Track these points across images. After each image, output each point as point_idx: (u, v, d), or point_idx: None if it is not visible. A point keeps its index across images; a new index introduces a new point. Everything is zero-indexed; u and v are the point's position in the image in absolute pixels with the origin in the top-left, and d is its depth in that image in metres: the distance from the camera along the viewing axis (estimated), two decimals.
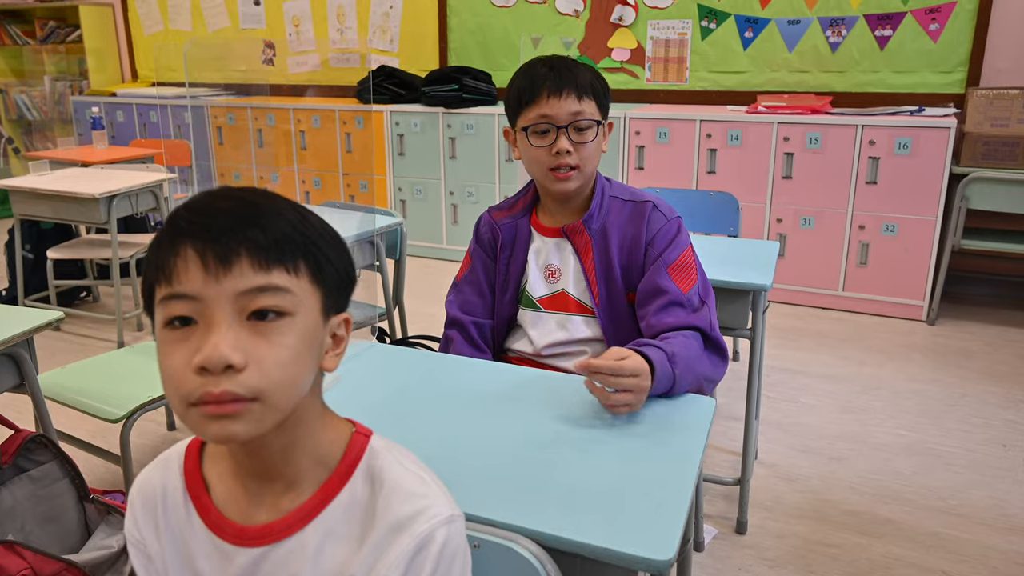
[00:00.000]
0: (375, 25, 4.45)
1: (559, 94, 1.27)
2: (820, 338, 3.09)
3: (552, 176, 1.29)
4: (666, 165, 3.53)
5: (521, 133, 1.31)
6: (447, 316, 1.44)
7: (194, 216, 0.63)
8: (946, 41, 3.29)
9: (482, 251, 1.44)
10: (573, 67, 1.29)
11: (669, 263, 1.29)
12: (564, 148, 1.26)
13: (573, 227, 1.34)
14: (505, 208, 1.43)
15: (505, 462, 0.95)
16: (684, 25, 3.76)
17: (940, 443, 2.28)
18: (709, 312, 1.27)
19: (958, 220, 3.08)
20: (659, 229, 1.31)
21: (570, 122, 1.27)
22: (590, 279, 1.34)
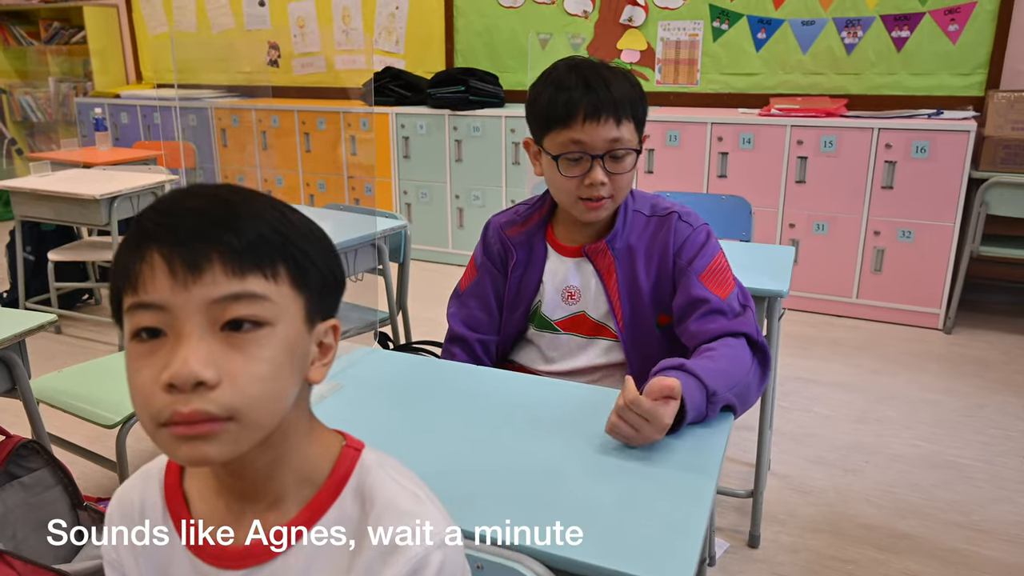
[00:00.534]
0: (381, 26, 4.42)
1: (596, 119, 1.14)
2: (834, 346, 3.02)
3: (582, 206, 1.19)
4: (676, 169, 3.47)
5: (549, 157, 1.19)
6: (449, 329, 1.37)
7: (161, 217, 0.57)
8: (965, 42, 3.22)
9: (491, 264, 1.34)
10: (611, 81, 1.15)
11: (700, 271, 1.20)
12: (599, 180, 1.16)
13: (595, 248, 1.24)
14: (518, 223, 1.32)
15: (510, 477, 0.89)
16: (695, 26, 3.71)
17: (958, 455, 2.21)
18: (753, 317, 1.19)
19: (977, 226, 3.01)
20: (686, 238, 1.23)
21: (607, 151, 1.16)
22: (613, 301, 1.25)
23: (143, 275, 0.56)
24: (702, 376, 1.00)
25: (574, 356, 1.29)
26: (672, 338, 1.24)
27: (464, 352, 1.34)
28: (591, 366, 1.28)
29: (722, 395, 1.02)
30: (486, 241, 1.35)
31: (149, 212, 0.59)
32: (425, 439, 0.99)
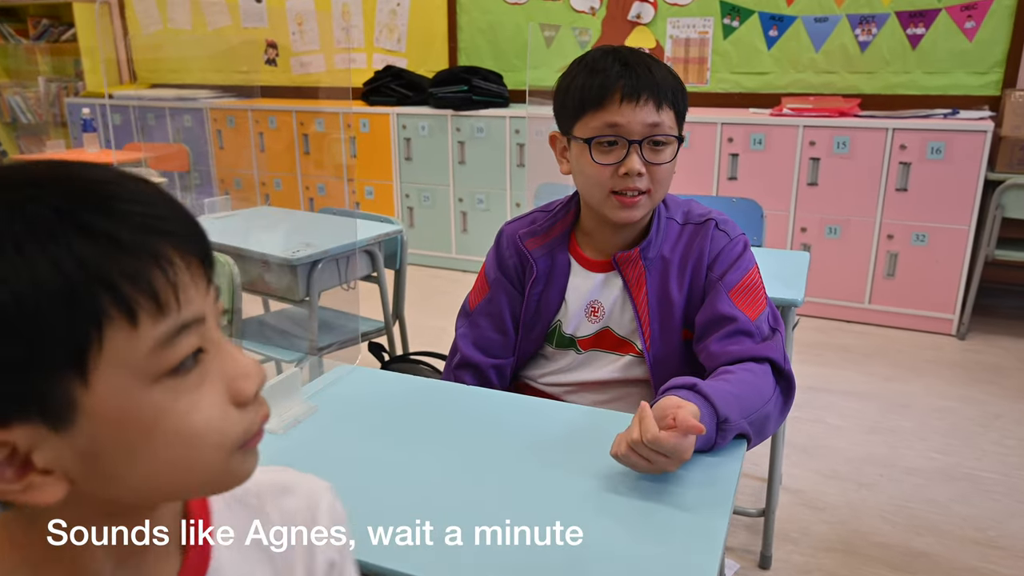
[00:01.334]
0: (382, 24, 4.35)
1: (635, 99, 1.03)
2: (845, 353, 2.95)
3: (615, 201, 1.07)
4: (686, 170, 3.40)
5: (579, 144, 1.07)
6: (459, 353, 1.24)
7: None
8: (982, 40, 3.13)
9: (506, 280, 1.21)
10: (652, 65, 1.06)
11: (731, 286, 1.09)
12: (636, 169, 1.04)
13: (627, 257, 1.13)
14: (539, 233, 1.19)
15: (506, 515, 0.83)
16: (705, 23, 3.63)
17: (975, 467, 2.14)
18: (782, 342, 1.09)
19: (992, 229, 2.93)
20: (721, 249, 1.11)
21: (646, 136, 1.04)
22: (641, 316, 1.14)
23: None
24: (715, 400, 0.92)
25: (591, 369, 1.19)
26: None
27: (476, 380, 1.22)
28: (609, 380, 1.19)
29: (735, 422, 0.93)
30: (500, 253, 1.22)
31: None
32: (409, 472, 0.90)
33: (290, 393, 1.01)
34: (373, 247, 2.02)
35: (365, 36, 4.39)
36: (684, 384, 0.94)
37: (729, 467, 0.92)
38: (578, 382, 1.20)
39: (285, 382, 1.00)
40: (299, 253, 1.77)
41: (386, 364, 1.62)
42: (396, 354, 1.83)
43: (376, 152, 4.08)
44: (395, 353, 1.96)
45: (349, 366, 1.16)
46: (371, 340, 1.68)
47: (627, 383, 1.18)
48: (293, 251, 1.77)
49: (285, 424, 0.98)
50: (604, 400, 1.20)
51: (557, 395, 1.23)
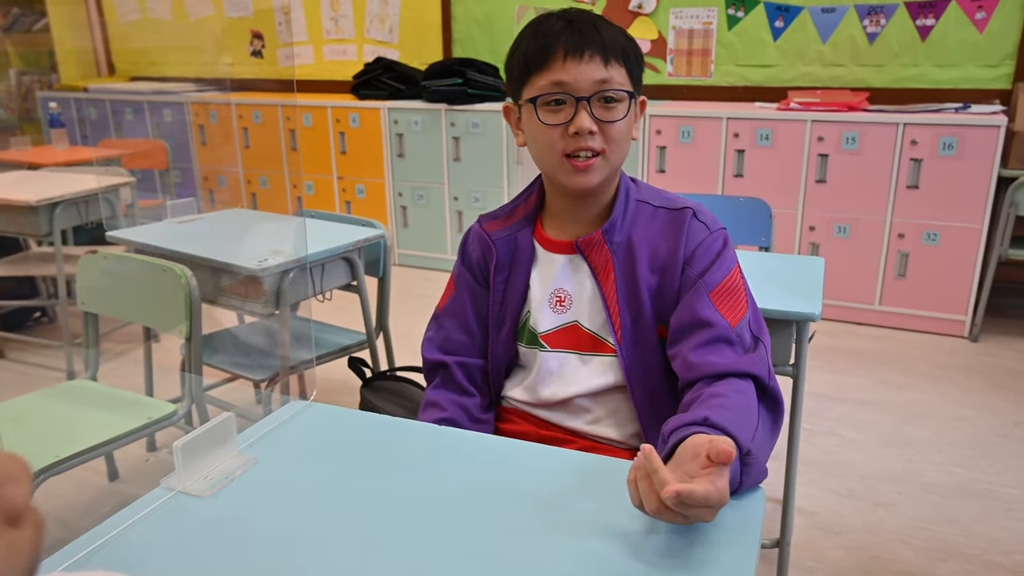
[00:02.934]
0: (372, 13, 4.20)
1: (579, 56, 0.96)
2: (857, 358, 2.83)
3: (568, 165, 0.99)
4: (690, 167, 3.28)
5: (528, 107, 1.00)
6: (424, 360, 1.15)
7: None
8: (993, 32, 3.04)
9: (469, 274, 1.13)
10: (598, 22, 0.99)
11: (712, 286, 0.98)
12: (585, 127, 0.96)
13: (589, 240, 1.03)
14: (500, 217, 1.12)
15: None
16: (709, 14, 3.49)
17: (996, 482, 2.03)
18: (766, 353, 0.97)
19: (1005, 228, 2.84)
20: (700, 243, 1.01)
21: (594, 92, 0.97)
22: (610, 308, 1.03)
23: None
24: (734, 431, 0.79)
25: (566, 380, 1.06)
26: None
27: (444, 383, 1.12)
28: (588, 391, 1.05)
29: (757, 456, 0.81)
30: (464, 247, 1.15)
31: None
32: (365, 549, 0.72)
33: (222, 443, 0.85)
34: (352, 254, 1.86)
35: (355, 26, 4.24)
36: (694, 420, 0.81)
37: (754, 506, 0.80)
38: (560, 399, 1.07)
39: (215, 431, 0.84)
40: (267, 262, 1.62)
41: (367, 382, 1.49)
42: (380, 370, 1.69)
43: (367, 148, 3.93)
44: (379, 369, 1.81)
45: (301, 402, 0.99)
46: (351, 355, 1.54)
47: (607, 393, 1.06)
48: (260, 260, 1.62)
49: (212, 484, 0.81)
50: (592, 420, 1.08)
51: (545, 418, 1.11)
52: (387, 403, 1.47)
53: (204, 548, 0.72)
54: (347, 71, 4.18)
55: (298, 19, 4.36)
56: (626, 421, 1.08)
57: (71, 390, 1.69)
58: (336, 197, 4.07)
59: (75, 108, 4.35)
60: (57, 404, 1.61)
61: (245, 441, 0.91)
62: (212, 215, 2.11)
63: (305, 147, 4.07)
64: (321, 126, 4.00)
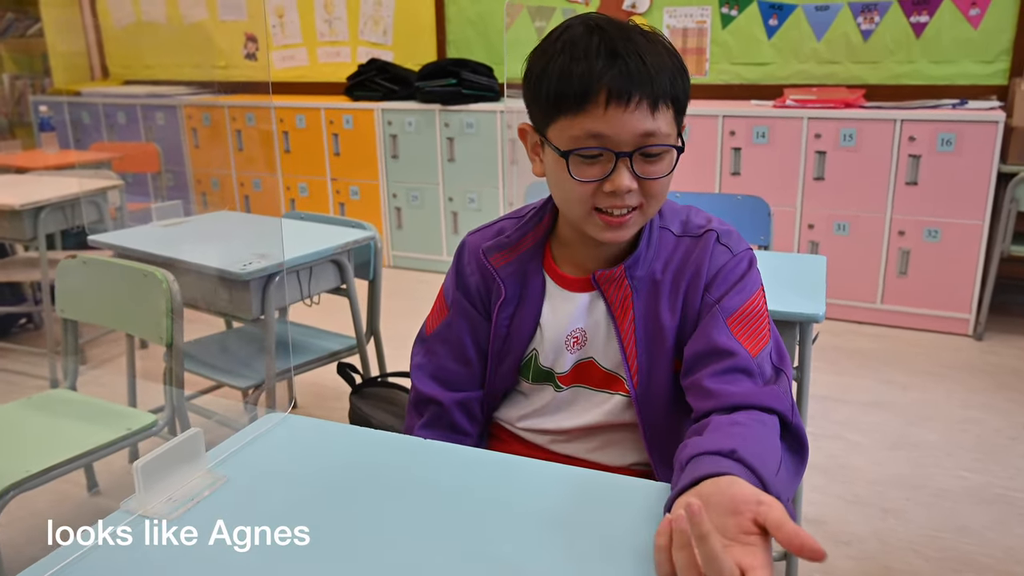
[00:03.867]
0: (366, 15, 4.15)
1: (624, 102, 0.81)
2: (860, 358, 2.79)
3: (599, 221, 0.87)
4: (686, 166, 3.19)
5: (555, 153, 0.87)
6: (414, 388, 1.04)
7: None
8: (987, 28, 3.03)
9: (467, 303, 1.01)
10: (645, 51, 0.83)
11: (730, 312, 0.89)
12: (624, 186, 0.84)
13: (608, 276, 0.93)
14: (506, 248, 0.98)
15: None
16: (703, 12, 3.46)
17: (1008, 487, 1.98)
18: (788, 386, 0.89)
19: (1007, 224, 2.81)
20: (722, 267, 0.91)
21: (637, 147, 0.84)
22: (627, 347, 0.94)
23: None
24: (762, 473, 0.71)
25: (575, 411, 0.99)
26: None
27: (435, 421, 1.01)
28: (595, 425, 0.98)
29: (782, 497, 0.72)
30: (461, 270, 1.02)
31: None
32: (345, 568, 0.67)
33: (189, 461, 0.78)
34: (341, 256, 1.80)
35: (349, 28, 4.19)
36: (719, 450, 0.73)
37: None
38: (563, 429, 1.00)
39: (181, 448, 0.77)
40: (251, 266, 1.56)
41: (357, 389, 1.44)
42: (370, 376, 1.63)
43: (361, 150, 3.89)
44: (370, 375, 1.76)
45: (278, 415, 0.92)
46: (341, 361, 1.49)
47: (614, 428, 0.98)
48: (244, 263, 1.56)
49: (176, 506, 0.75)
50: (593, 447, 1.00)
51: (541, 444, 1.03)
52: (377, 410, 1.42)
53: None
54: (341, 73, 4.14)
55: (292, 21, 4.30)
56: (630, 451, 1.00)
57: (47, 400, 1.62)
58: (330, 199, 4.02)
59: (67, 112, 4.30)
60: (32, 415, 1.54)
61: (215, 458, 0.84)
62: (198, 218, 2.05)
63: (298, 149, 4.02)
64: (314, 128, 3.95)
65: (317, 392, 2.48)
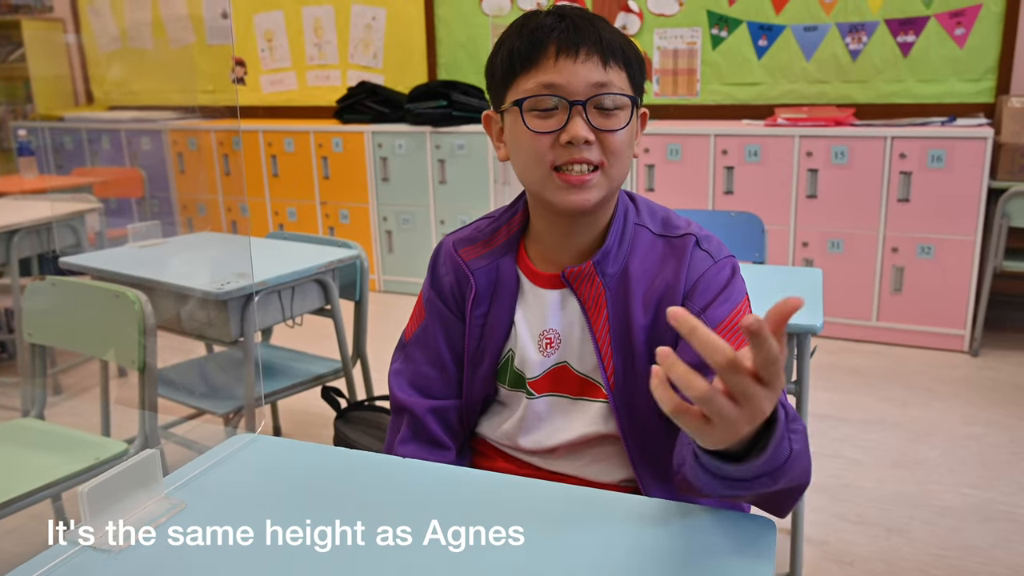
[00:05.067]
0: (357, 39, 4.16)
1: (574, 54, 0.83)
2: (857, 376, 2.75)
3: (558, 180, 0.85)
4: (679, 185, 3.22)
5: (512, 113, 0.86)
6: (392, 396, 1.00)
7: None
8: (973, 46, 3.05)
9: (440, 302, 0.98)
10: (595, 20, 0.86)
11: (715, 322, 0.85)
12: (580, 135, 0.82)
13: (578, 272, 0.90)
14: (479, 241, 0.96)
15: None
16: (693, 34, 3.47)
17: (1013, 504, 1.94)
18: (783, 396, 0.83)
19: (999, 239, 2.80)
20: (703, 274, 0.88)
21: (591, 96, 0.83)
22: (602, 350, 0.90)
23: None
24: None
25: (555, 427, 0.94)
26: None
27: (410, 430, 0.97)
28: (578, 439, 0.93)
29: (798, 429, 0.69)
30: (435, 271, 0.99)
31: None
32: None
33: (144, 485, 0.72)
34: (325, 275, 1.75)
35: (339, 52, 4.19)
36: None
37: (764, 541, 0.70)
38: (546, 448, 0.95)
39: (134, 471, 0.71)
40: (229, 285, 1.51)
41: (342, 413, 1.39)
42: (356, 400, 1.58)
43: (350, 173, 3.86)
44: (355, 399, 1.70)
45: (246, 435, 0.86)
46: (325, 385, 1.43)
47: (598, 441, 0.93)
48: (222, 283, 1.51)
49: (127, 536, 0.69)
50: (581, 465, 0.95)
51: (529, 462, 0.97)
52: (363, 436, 1.37)
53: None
54: (331, 96, 4.13)
55: (281, 45, 4.30)
56: (618, 467, 0.95)
57: (12, 430, 1.55)
58: (319, 222, 3.98)
59: (49, 137, 4.27)
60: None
61: (175, 482, 0.78)
62: (176, 239, 2.01)
63: (287, 173, 4.00)
64: (303, 151, 3.93)
65: (303, 419, 2.41)
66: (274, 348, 2.04)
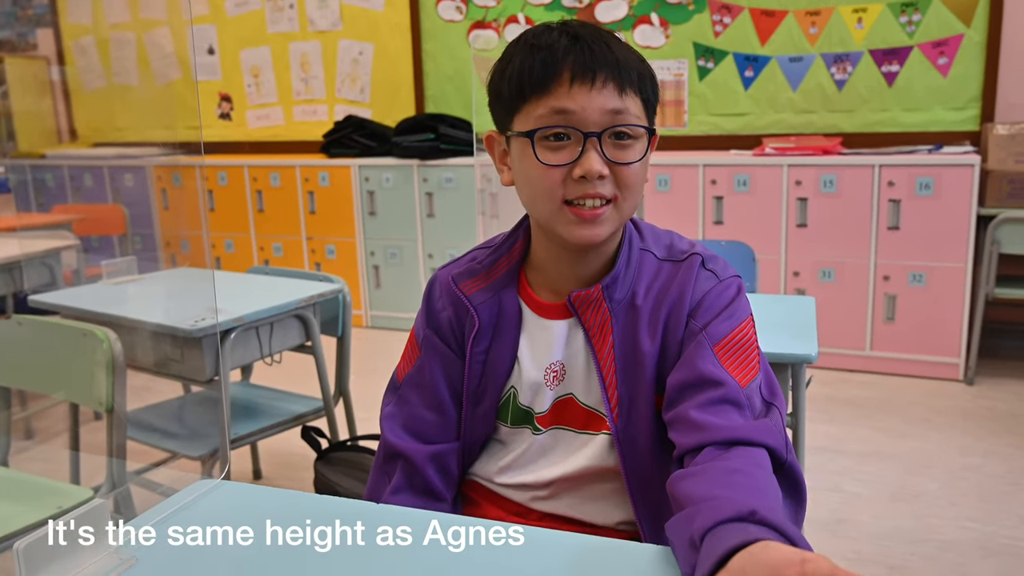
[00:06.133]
0: (344, 73, 4.17)
1: (590, 80, 0.78)
2: (853, 407, 2.71)
3: (570, 215, 0.81)
4: (669, 215, 3.21)
5: (520, 141, 0.82)
6: (383, 443, 0.94)
7: None
8: (956, 76, 3.09)
9: (438, 339, 0.93)
10: (610, 39, 0.81)
11: (716, 339, 0.82)
12: (595, 169, 0.78)
13: (586, 296, 0.86)
14: (479, 274, 0.92)
15: None
16: (680, 65, 3.50)
17: (1015, 537, 1.89)
18: (781, 422, 0.81)
19: (990, 267, 2.80)
20: (707, 292, 0.85)
21: (607, 127, 0.79)
22: (606, 379, 0.86)
23: None
24: (789, 532, 0.63)
25: (554, 459, 0.89)
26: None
27: (406, 479, 0.90)
28: (578, 472, 0.88)
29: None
30: (431, 306, 0.94)
31: None
32: None
33: (91, 540, 0.66)
34: (305, 311, 1.70)
35: (326, 87, 4.20)
36: (738, 515, 0.63)
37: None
38: (544, 481, 0.90)
39: (78, 523, 0.65)
40: (204, 322, 1.46)
41: (323, 454, 1.33)
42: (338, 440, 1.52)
43: (337, 207, 3.83)
44: (338, 439, 1.64)
45: (209, 481, 0.81)
46: (306, 425, 1.38)
47: (598, 474, 0.89)
48: (196, 319, 1.46)
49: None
50: (577, 503, 0.91)
51: (521, 502, 0.92)
52: (346, 477, 1.31)
53: None
54: (317, 131, 4.13)
55: (268, 81, 4.31)
56: (617, 507, 0.90)
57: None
58: (305, 258, 3.94)
59: (31, 175, 4.23)
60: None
61: (127, 534, 0.73)
62: (152, 275, 1.95)
63: (272, 208, 3.96)
64: (289, 186, 3.91)
65: (284, 460, 2.34)
66: (253, 387, 1.98)
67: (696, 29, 3.43)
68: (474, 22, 3.82)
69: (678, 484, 0.73)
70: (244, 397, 1.86)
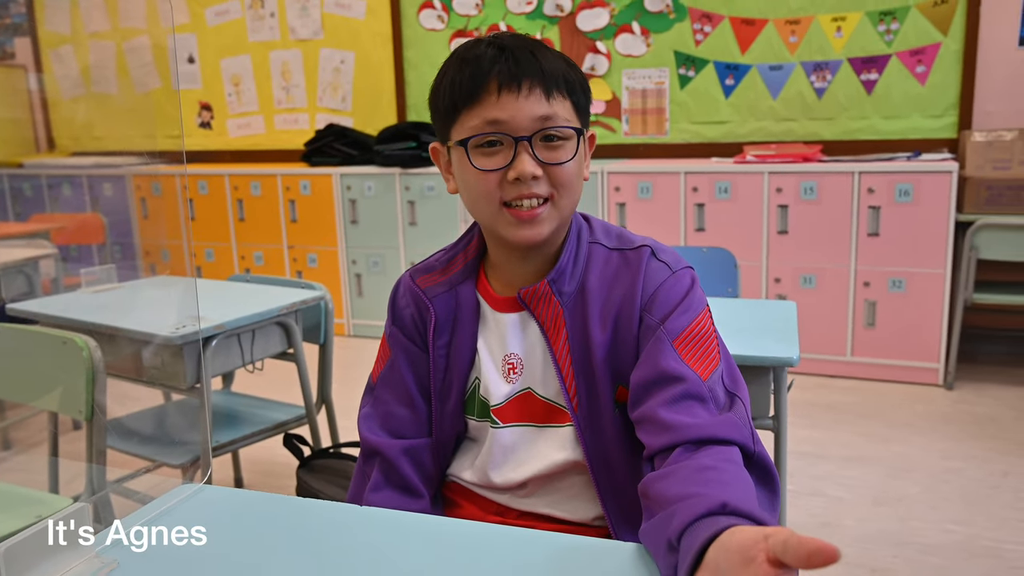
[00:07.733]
0: (325, 82, 4.16)
1: (516, 88, 0.82)
2: (834, 412, 2.73)
3: (509, 216, 0.85)
4: (651, 222, 3.23)
5: (458, 150, 0.86)
6: (361, 441, 0.96)
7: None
8: (934, 84, 3.14)
9: (403, 336, 0.96)
10: (536, 48, 0.85)
11: (675, 333, 0.83)
12: (528, 171, 0.82)
13: (533, 291, 0.88)
14: (436, 269, 0.95)
15: None
16: (661, 74, 3.53)
17: (996, 538, 1.91)
18: (745, 412, 0.82)
19: (968, 272, 2.83)
20: (660, 285, 0.86)
21: (536, 130, 0.83)
22: (563, 371, 0.88)
23: None
24: (761, 518, 0.64)
25: (521, 458, 0.91)
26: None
27: (382, 475, 0.92)
28: (547, 470, 0.89)
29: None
30: (395, 304, 0.98)
31: None
32: None
33: (71, 543, 0.66)
34: (287, 318, 1.69)
35: (307, 96, 4.19)
36: (709, 509, 0.64)
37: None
38: (521, 480, 0.91)
39: (60, 527, 0.66)
40: (184, 329, 1.45)
41: (305, 462, 1.32)
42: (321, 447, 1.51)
43: (319, 216, 3.82)
44: (320, 447, 1.63)
45: (191, 486, 0.81)
46: (288, 432, 1.36)
47: (566, 470, 0.90)
48: (177, 327, 1.45)
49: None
50: (555, 501, 0.92)
51: (502, 502, 0.94)
52: (328, 485, 1.30)
53: None
54: (298, 140, 4.11)
55: (249, 90, 4.29)
56: (588, 502, 0.91)
57: None
58: (286, 267, 3.92)
59: (8, 184, 4.17)
60: None
61: (109, 537, 0.72)
62: (131, 283, 1.93)
63: (253, 217, 3.94)
64: (270, 195, 3.88)
65: (266, 468, 2.31)
66: (235, 395, 1.96)
67: (677, 38, 3.46)
68: (456, 30, 3.83)
69: (651, 486, 0.74)
70: (226, 405, 1.84)
